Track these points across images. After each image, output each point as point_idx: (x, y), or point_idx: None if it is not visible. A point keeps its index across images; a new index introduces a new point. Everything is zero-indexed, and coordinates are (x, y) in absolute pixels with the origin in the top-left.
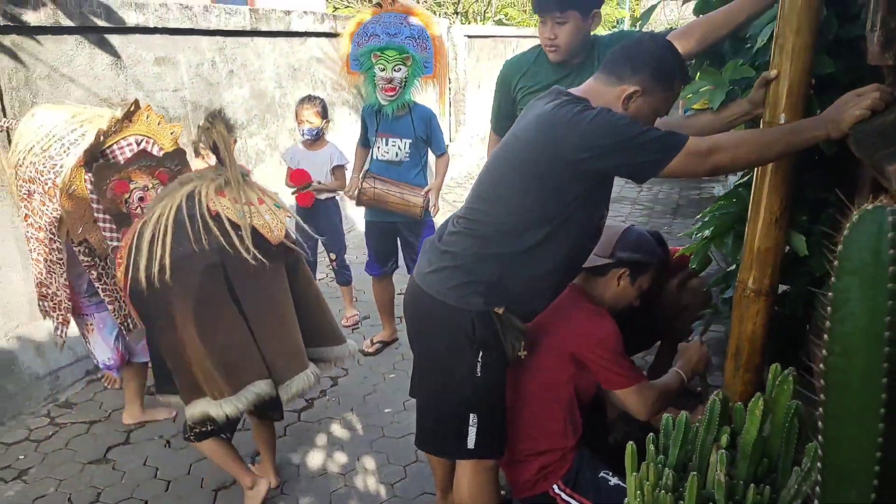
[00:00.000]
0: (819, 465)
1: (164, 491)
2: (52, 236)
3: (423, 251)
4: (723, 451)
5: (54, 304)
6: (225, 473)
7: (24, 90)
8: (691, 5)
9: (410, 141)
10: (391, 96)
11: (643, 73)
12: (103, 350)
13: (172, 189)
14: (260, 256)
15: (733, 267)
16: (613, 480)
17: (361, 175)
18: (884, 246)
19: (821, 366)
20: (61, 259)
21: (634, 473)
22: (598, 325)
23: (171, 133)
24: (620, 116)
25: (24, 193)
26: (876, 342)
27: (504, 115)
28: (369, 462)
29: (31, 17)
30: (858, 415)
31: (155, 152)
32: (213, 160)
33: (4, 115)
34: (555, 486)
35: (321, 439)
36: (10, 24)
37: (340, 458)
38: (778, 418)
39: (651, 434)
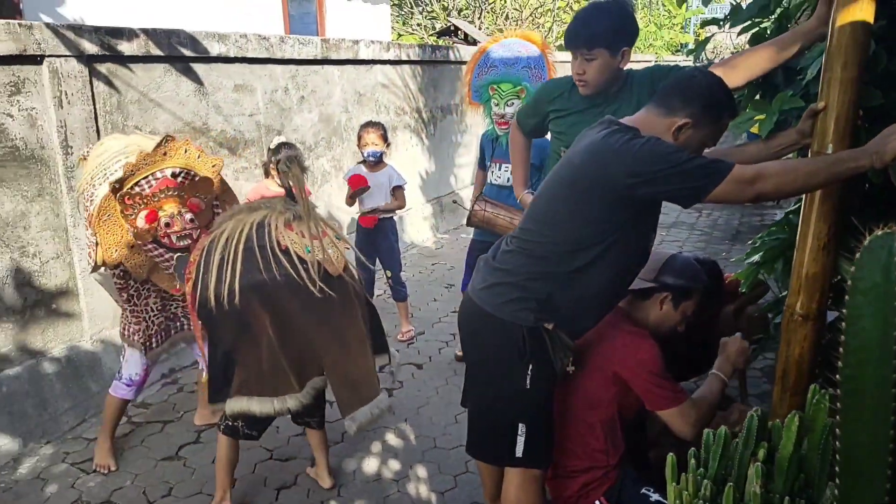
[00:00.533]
0: (837, 468)
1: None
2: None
3: (478, 269)
4: (759, 464)
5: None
6: (286, 474)
7: (117, 113)
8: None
9: None
10: (504, 129)
11: (694, 107)
12: (134, 366)
13: (241, 212)
14: (327, 290)
15: (785, 293)
16: (655, 497)
17: (475, 198)
18: (892, 267)
19: (837, 377)
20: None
21: (674, 484)
22: (639, 346)
23: (213, 166)
24: (668, 145)
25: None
26: (886, 354)
27: (530, 117)
28: (421, 470)
29: (125, 47)
30: (872, 420)
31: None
32: (281, 180)
33: (99, 136)
34: (597, 503)
35: (376, 447)
36: (106, 53)
37: (394, 465)
38: (815, 436)
39: (692, 449)
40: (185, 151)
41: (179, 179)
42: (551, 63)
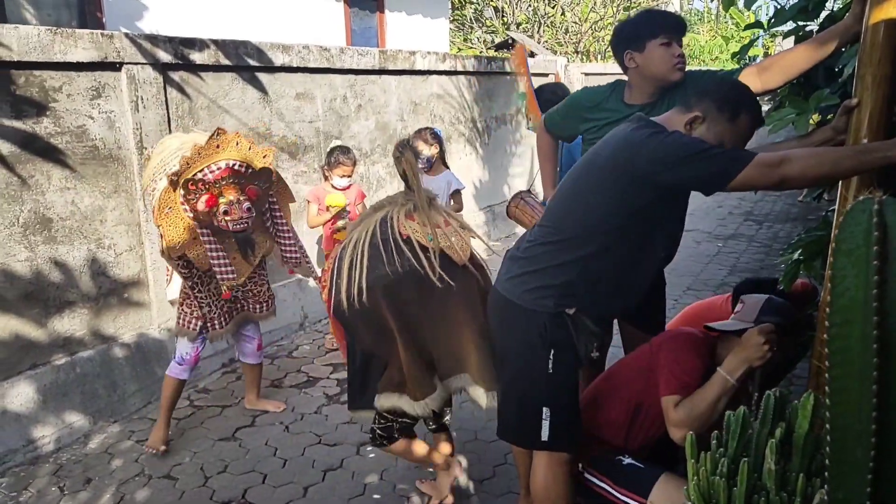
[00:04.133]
0: (827, 426)
1: (281, 468)
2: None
3: (504, 261)
4: (774, 441)
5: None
6: (333, 458)
7: (188, 118)
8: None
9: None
10: None
11: (706, 102)
12: (185, 346)
13: (367, 215)
14: (447, 278)
15: None
16: (626, 460)
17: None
18: (873, 230)
19: (824, 335)
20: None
21: (692, 461)
22: (680, 340)
23: (264, 157)
24: (692, 137)
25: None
26: (869, 312)
27: (561, 123)
28: (462, 460)
29: (197, 57)
30: (859, 375)
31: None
32: (336, 182)
33: None
34: (579, 465)
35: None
36: (179, 61)
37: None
38: None
39: (715, 431)
40: (237, 144)
41: (236, 167)
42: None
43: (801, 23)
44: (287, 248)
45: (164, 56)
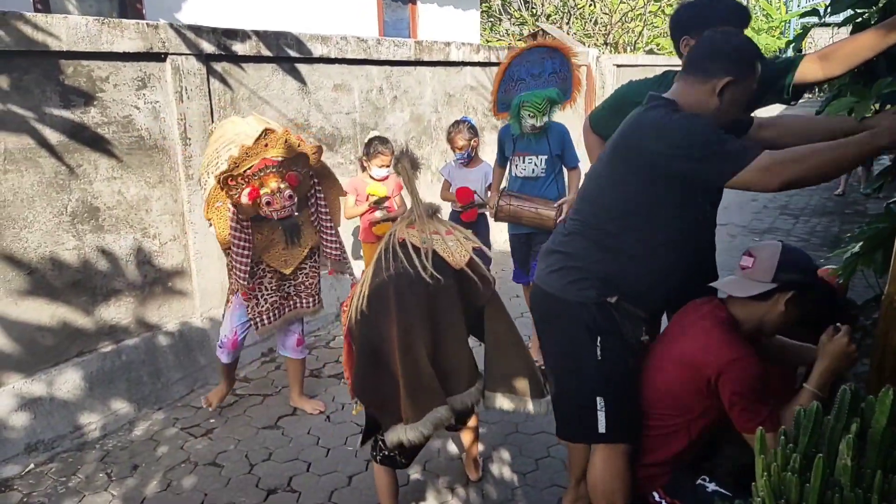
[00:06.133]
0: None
1: (324, 456)
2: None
3: (542, 256)
4: (850, 436)
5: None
6: None
7: (230, 109)
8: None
9: (546, 157)
10: (537, 132)
11: (730, 64)
12: (226, 327)
13: (388, 234)
14: (437, 274)
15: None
16: (711, 486)
17: (499, 193)
18: None
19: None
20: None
21: (762, 456)
22: (742, 363)
23: (313, 153)
24: (703, 123)
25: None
26: None
27: (612, 119)
28: (504, 453)
29: (239, 48)
30: None
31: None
32: (374, 172)
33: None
34: (655, 495)
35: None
36: (222, 52)
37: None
38: None
39: (783, 427)
40: (286, 141)
41: (274, 156)
42: (576, 65)
43: (859, 10)
44: (328, 242)
45: (208, 47)
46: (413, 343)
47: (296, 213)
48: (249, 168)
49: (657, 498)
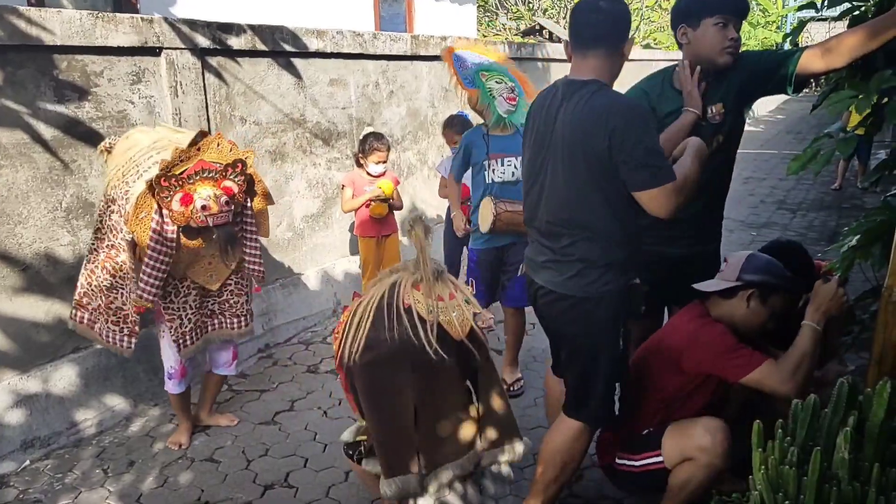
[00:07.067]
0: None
1: (321, 452)
2: (129, 254)
3: (543, 266)
4: (847, 430)
5: (119, 317)
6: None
7: (225, 104)
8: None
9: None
10: (513, 105)
11: (624, 29)
12: (169, 358)
13: (384, 276)
14: (441, 352)
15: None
16: (646, 431)
17: (493, 201)
18: None
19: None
20: (132, 276)
21: (759, 450)
22: (701, 332)
23: (246, 158)
24: (645, 123)
25: (107, 210)
26: None
27: None
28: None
29: (234, 42)
30: None
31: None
32: (371, 168)
33: (209, 124)
34: (617, 459)
35: None
36: (217, 47)
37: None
38: None
39: (780, 420)
40: (218, 146)
41: (210, 160)
42: (516, 71)
43: (856, 3)
44: (251, 256)
45: (203, 41)
46: (393, 407)
47: (230, 222)
48: (183, 171)
49: (618, 461)
